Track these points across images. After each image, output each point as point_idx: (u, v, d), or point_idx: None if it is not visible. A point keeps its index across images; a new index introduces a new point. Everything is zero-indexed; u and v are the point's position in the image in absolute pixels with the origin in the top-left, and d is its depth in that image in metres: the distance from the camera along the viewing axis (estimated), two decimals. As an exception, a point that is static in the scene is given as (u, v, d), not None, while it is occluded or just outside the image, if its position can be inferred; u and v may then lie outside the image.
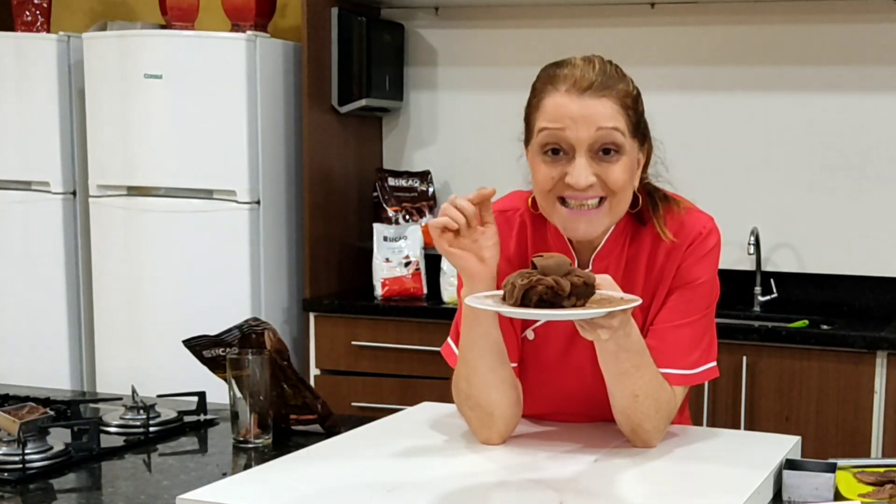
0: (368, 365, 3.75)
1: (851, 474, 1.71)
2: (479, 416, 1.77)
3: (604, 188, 1.70)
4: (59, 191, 3.96)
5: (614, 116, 1.69)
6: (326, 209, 3.95)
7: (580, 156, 1.68)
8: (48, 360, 3.98)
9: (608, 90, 1.69)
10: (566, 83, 1.69)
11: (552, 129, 1.68)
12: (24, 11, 4.03)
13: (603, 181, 1.69)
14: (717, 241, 1.82)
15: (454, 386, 1.80)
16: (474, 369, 1.74)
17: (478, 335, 1.72)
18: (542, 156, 1.71)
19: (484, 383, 1.75)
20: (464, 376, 1.76)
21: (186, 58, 3.71)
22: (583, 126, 1.67)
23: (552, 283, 1.49)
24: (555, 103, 1.69)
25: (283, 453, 1.78)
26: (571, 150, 1.68)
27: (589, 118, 1.67)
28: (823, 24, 3.73)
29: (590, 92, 1.68)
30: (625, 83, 1.73)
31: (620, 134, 1.69)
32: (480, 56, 4.13)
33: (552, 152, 1.70)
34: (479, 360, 1.74)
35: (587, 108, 1.67)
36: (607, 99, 1.68)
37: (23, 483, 1.70)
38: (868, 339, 3.22)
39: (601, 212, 1.71)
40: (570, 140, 1.68)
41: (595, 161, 1.69)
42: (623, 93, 1.71)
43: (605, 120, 1.68)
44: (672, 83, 3.85)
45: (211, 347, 2.01)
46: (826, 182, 3.78)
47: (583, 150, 1.68)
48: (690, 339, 1.79)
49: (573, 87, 1.68)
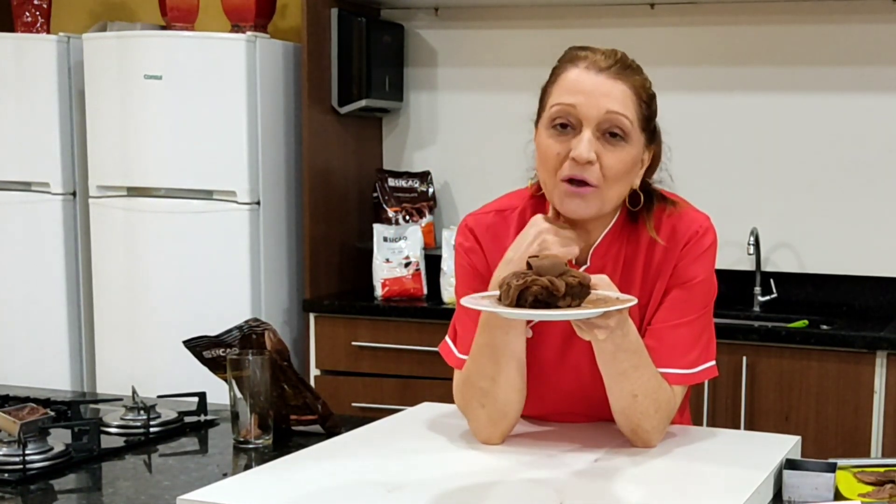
0: (369, 365, 3.76)
1: (851, 474, 1.71)
2: (491, 414, 1.77)
3: (598, 173, 1.70)
4: (59, 191, 3.96)
5: (625, 102, 1.71)
6: (326, 210, 3.95)
7: (586, 129, 1.70)
8: (49, 361, 3.98)
9: (625, 76, 1.72)
10: (585, 62, 1.73)
11: (564, 105, 1.71)
12: (23, 12, 4.04)
13: (600, 163, 1.70)
14: (714, 239, 1.83)
15: (467, 383, 1.79)
16: (503, 369, 1.75)
17: (512, 337, 1.73)
18: (550, 129, 1.73)
19: (509, 384, 1.76)
20: (489, 375, 1.76)
21: (186, 58, 3.71)
22: (594, 103, 1.70)
23: (547, 284, 1.49)
24: (571, 77, 1.73)
25: (284, 454, 1.78)
26: (579, 125, 1.70)
27: (601, 97, 1.70)
28: (823, 24, 3.73)
29: (607, 72, 1.71)
30: (642, 78, 1.76)
31: (628, 121, 1.71)
32: (480, 56, 4.13)
33: (560, 126, 1.72)
34: (511, 361, 1.75)
35: (602, 85, 1.71)
36: (622, 83, 1.72)
37: (23, 484, 1.70)
38: (868, 339, 3.22)
39: (594, 192, 1.72)
40: (580, 115, 1.70)
41: (600, 141, 1.70)
42: (639, 84, 1.74)
43: (615, 103, 1.70)
44: (672, 83, 3.85)
45: (211, 348, 2.01)
46: (826, 182, 3.78)
47: (591, 125, 1.70)
48: (689, 338, 1.79)
49: (592, 65, 1.72)
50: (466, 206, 3.82)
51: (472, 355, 1.78)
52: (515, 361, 1.75)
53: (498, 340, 1.73)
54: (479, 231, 1.87)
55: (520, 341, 1.74)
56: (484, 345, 1.75)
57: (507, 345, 1.73)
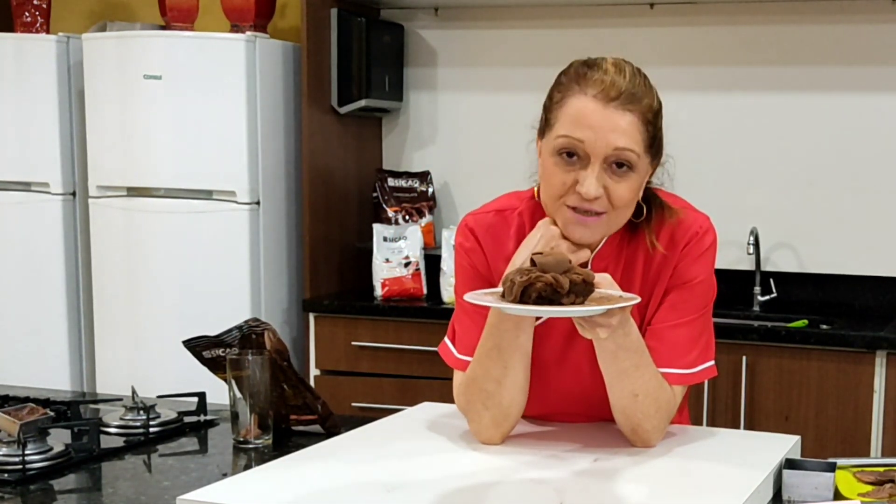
0: (368, 365, 3.76)
1: (851, 474, 1.71)
2: (494, 416, 1.77)
3: (606, 202, 1.70)
4: (59, 192, 3.96)
5: (633, 135, 1.69)
6: (326, 210, 3.95)
7: (593, 165, 1.68)
8: (48, 361, 3.98)
9: (634, 105, 1.69)
10: (595, 88, 1.69)
11: (572, 139, 1.68)
12: (23, 12, 4.04)
13: (608, 194, 1.69)
14: (714, 240, 1.83)
15: (472, 384, 1.78)
16: (510, 372, 1.75)
17: (520, 341, 1.73)
18: (556, 157, 1.71)
19: (515, 386, 1.76)
20: (495, 378, 1.75)
21: (186, 58, 3.71)
22: (601, 139, 1.67)
23: (551, 280, 1.49)
24: (579, 108, 1.69)
25: (284, 454, 1.78)
26: (587, 158, 1.69)
27: (609, 132, 1.67)
28: (823, 24, 3.73)
29: (616, 103, 1.68)
30: (650, 97, 1.73)
31: (636, 155, 1.70)
32: (480, 56, 4.13)
33: (567, 155, 1.70)
34: (518, 364, 1.75)
35: (610, 120, 1.67)
36: (631, 114, 1.68)
37: (23, 484, 1.70)
38: (867, 338, 3.22)
39: (601, 221, 1.72)
40: (587, 150, 1.68)
41: (606, 173, 1.69)
42: (647, 108, 1.71)
43: (623, 138, 1.68)
44: (671, 83, 3.84)
45: (211, 348, 2.01)
46: (825, 182, 3.78)
47: (598, 161, 1.68)
48: (688, 338, 1.79)
49: (601, 94, 1.68)
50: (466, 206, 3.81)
51: (477, 358, 1.78)
52: (523, 362, 1.75)
53: (507, 341, 1.73)
54: (480, 231, 1.86)
55: (529, 340, 1.74)
56: (492, 347, 1.75)
57: (517, 345, 1.73)
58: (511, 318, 1.70)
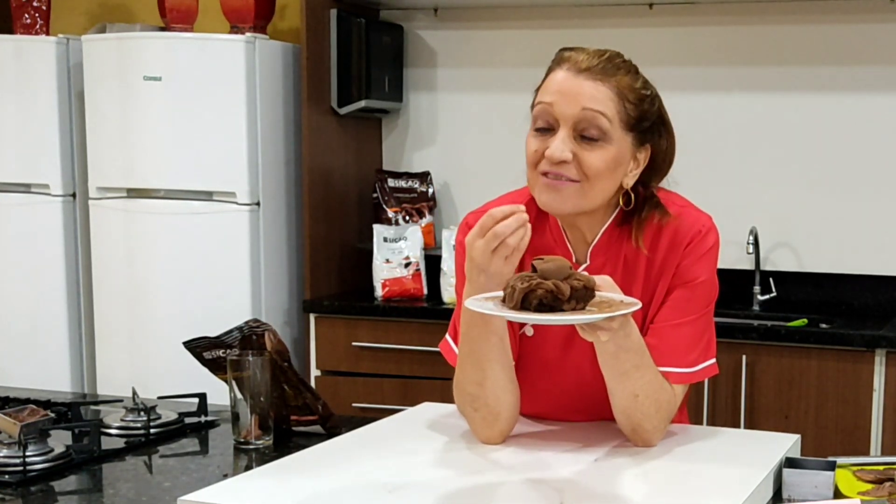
0: (369, 366, 3.76)
1: (851, 472, 1.71)
2: (485, 417, 1.77)
3: (578, 171, 1.71)
4: (59, 193, 3.96)
5: (604, 101, 1.71)
6: (326, 210, 3.95)
7: (562, 129, 1.71)
8: (49, 363, 3.98)
9: (606, 77, 1.72)
10: (568, 63, 1.74)
11: (543, 104, 1.73)
12: (23, 14, 4.04)
13: (578, 162, 1.71)
14: (716, 240, 1.83)
15: (458, 387, 1.79)
16: (488, 374, 1.74)
17: (493, 344, 1.73)
18: (533, 131, 1.76)
19: (496, 387, 1.75)
20: (475, 381, 1.75)
21: (186, 60, 3.71)
22: (569, 102, 1.71)
23: (552, 287, 1.49)
24: (552, 79, 1.75)
25: (284, 454, 1.79)
26: (557, 126, 1.72)
27: (576, 96, 1.71)
28: (823, 24, 3.74)
29: (586, 73, 1.72)
30: (632, 79, 1.75)
31: (606, 120, 1.71)
32: (479, 57, 4.13)
33: (543, 129, 1.74)
34: (495, 365, 1.74)
35: (578, 86, 1.71)
36: (602, 84, 1.72)
37: (24, 485, 1.70)
38: (867, 337, 3.23)
39: (572, 188, 1.72)
40: (556, 113, 1.71)
41: (577, 142, 1.71)
42: (624, 84, 1.73)
43: (591, 101, 1.71)
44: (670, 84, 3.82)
45: (211, 349, 2.01)
46: (825, 182, 3.78)
47: (567, 126, 1.71)
48: (690, 337, 1.79)
49: (573, 66, 1.73)
50: (466, 206, 3.82)
51: (458, 362, 1.79)
52: (501, 362, 1.75)
53: (478, 346, 1.73)
54: (480, 229, 1.86)
55: (498, 349, 1.73)
56: (467, 353, 1.75)
57: (489, 348, 1.73)
58: (479, 323, 1.70)
